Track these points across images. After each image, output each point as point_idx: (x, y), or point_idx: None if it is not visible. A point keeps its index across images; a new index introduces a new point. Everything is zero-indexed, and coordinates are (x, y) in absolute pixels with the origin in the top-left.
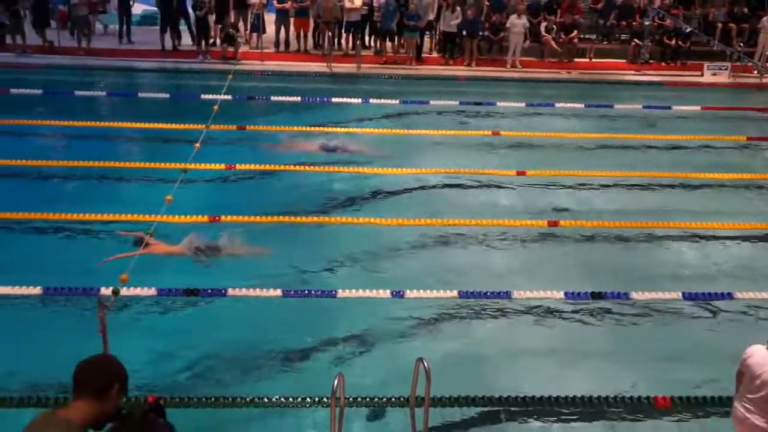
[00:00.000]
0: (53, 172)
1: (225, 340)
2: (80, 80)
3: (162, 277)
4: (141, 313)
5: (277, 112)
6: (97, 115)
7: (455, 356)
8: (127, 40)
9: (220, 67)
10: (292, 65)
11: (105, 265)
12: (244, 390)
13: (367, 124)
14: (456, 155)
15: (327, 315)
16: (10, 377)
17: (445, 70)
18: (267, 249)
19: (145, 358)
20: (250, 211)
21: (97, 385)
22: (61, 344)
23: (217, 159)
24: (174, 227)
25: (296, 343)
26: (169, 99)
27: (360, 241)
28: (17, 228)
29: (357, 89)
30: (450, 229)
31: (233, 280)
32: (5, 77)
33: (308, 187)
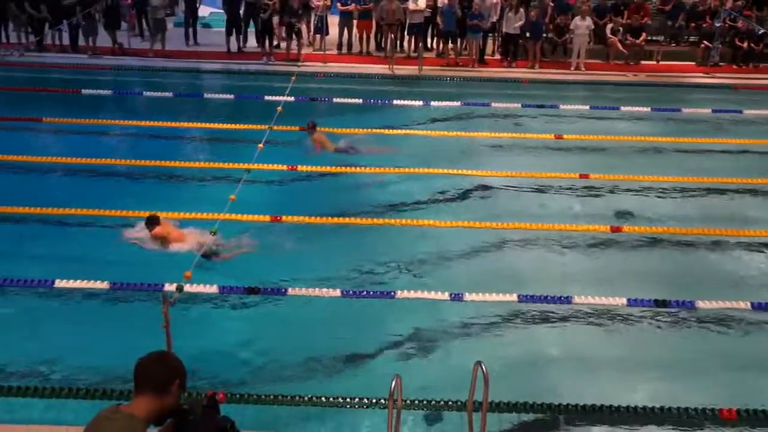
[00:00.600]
0: (121, 170)
1: (284, 339)
2: (148, 81)
3: (224, 274)
4: (203, 310)
5: (338, 114)
6: (165, 115)
7: (514, 361)
8: (194, 41)
9: (284, 69)
10: (355, 67)
11: (170, 263)
12: (301, 388)
13: (428, 126)
14: (517, 158)
15: (385, 316)
16: (78, 369)
17: (507, 73)
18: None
19: (206, 355)
20: (311, 212)
21: (158, 381)
22: (125, 338)
23: (280, 160)
24: (237, 225)
25: (354, 344)
26: (233, 100)
27: (419, 243)
28: (86, 224)
29: (418, 91)
30: (510, 233)
31: (293, 279)
32: (78, 78)
33: (368, 189)
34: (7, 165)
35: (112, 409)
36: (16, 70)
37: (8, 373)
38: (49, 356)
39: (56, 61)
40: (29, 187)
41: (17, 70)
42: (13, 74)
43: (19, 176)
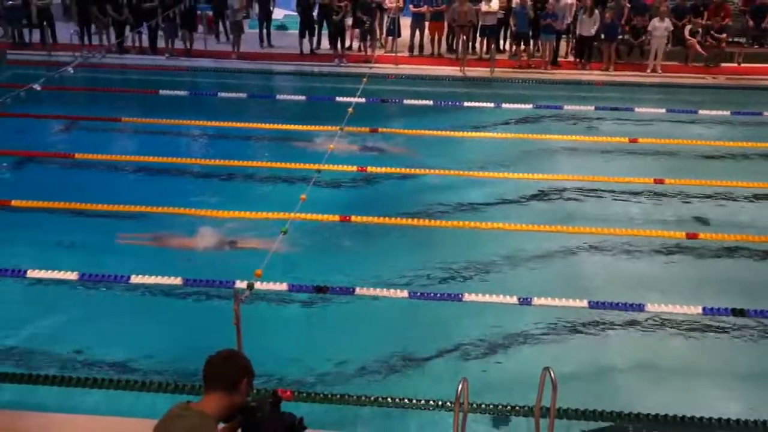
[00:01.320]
0: (195, 169)
1: (351, 339)
2: (223, 82)
3: (294, 273)
4: (273, 308)
5: (409, 116)
6: (238, 115)
7: (583, 367)
8: (268, 43)
9: (356, 71)
10: (426, 69)
11: (241, 260)
12: (367, 388)
13: (499, 129)
14: (590, 162)
15: (452, 319)
16: (151, 363)
17: (581, 75)
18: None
19: (274, 352)
20: (380, 213)
21: (227, 379)
22: (197, 333)
23: (350, 161)
24: (307, 225)
25: (421, 346)
26: (305, 101)
27: (488, 246)
28: (161, 221)
29: (490, 93)
30: (582, 238)
31: (361, 280)
32: (155, 79)
33: (438, 191)
34: (89, 163)
35: (182, 406)
36: (98, 71)
37: (83, 365)
38: (123, 350)
39: (135, 63)
40: (109, 184)
41: (99, 71)
42: (95, 75)
43: (100, 174)
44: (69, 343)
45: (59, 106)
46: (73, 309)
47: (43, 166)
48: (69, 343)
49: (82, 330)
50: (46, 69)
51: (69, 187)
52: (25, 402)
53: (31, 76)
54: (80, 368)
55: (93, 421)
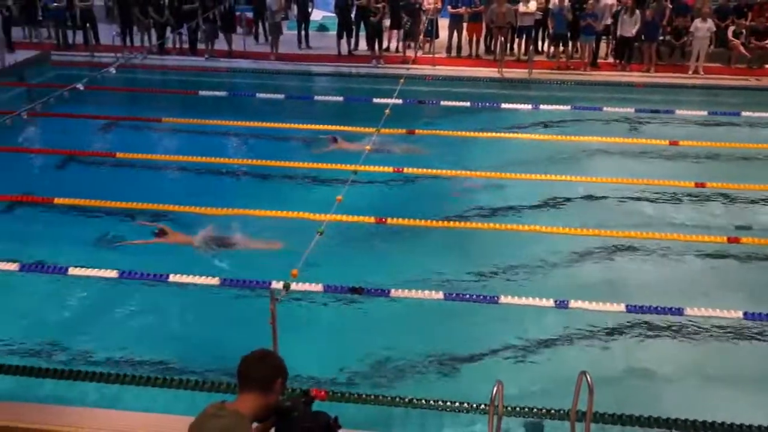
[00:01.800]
0: (233, 169)
1: (386, 339)
2: (261, 83)
3: (329, 274)
4: (309, 308)
5: (446, 117)
6: (276, 116)
7: (620, 372)
8: (306, 45)
9: (393, 72)
10: (463, 70)
11: (277, 261)
12: (402, 389)
13: (536, 130)
14: (629, 164)
15: (488, 321)
16: (187, 360)
17: (621, 76)
18: (279, 243)
19: (309, 352)
20: (416, 215)
21: (262, 379)
22: (233, 333)
23: (386, 162)
24: (343, 226)
25: (456, 347)
26: (342, 102)
27: (524, 248)
28: (198, 221)
29: (527, 95)
30: (620, 241)
31: (396, 281)
32: (195, 80)
33: (474, 193)
34: (129, 162)
35: (217, 405)
36: (139, 72)
37: (121, 362)
38: (160, 347)
39: (176, 64)
40: (148, 183)
41: (140, 72)
42: (136, 76)
43: (140, 173)
44: (108, 341)
45: (101, 106)
46: (111, 307)
47: (85, 165)
48: (108, 340)
49: (120, 327)
50: (89, 69)
51: (110, 185)
52: (64, 397)
53: (74, 77)
54: (119, 365)
55: (130, 417)
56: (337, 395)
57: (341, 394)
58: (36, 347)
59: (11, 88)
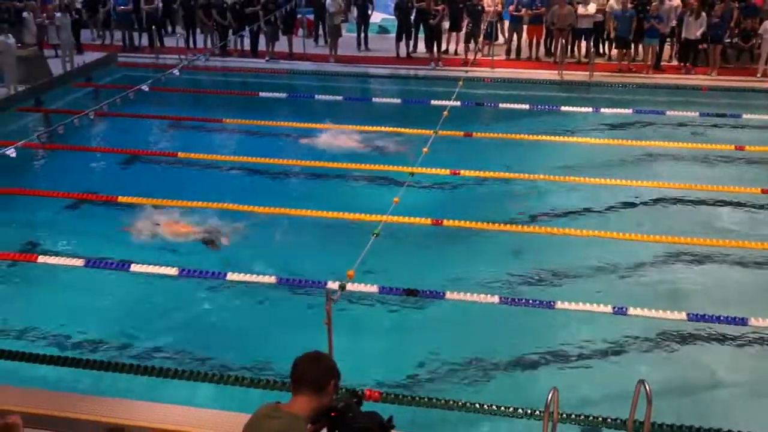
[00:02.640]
0: (292, 170)
1: (440, 342)
2: (320, 85)
3: (385, 275)
4: (364, 309)
5: (504, 120)
6: (334, 118)
7: (680, 382)
8: (365, 47)
9: (451, 74)
10: (523, 72)
11: (334, 261)
12: (455, 393)
13: (597, 134)
14: (694, 169)
15: (543, 326)
16: (243, 357)
17: (685, 79)
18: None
19: (363, 353)
20: (472, 217)
21: (316, 381)
22: (288, 331)
23: (444, 164)
24: (399, 228)
25: (510, 352)
26: (400, 104)
27: (582, 253)
28: (257, 220)
29: (588, 98)
30: (682, 248)
31: (452, 284)
32: (256, 81)
33: (533, 196)
34: (191, 162)
35: (272, 407)
36: (201, 74)
37: (175, 357)
38: (215, 344)
39: (237, 65)
40: (209, 183)
41: (202, 74)
42: (199, 77)
43: (201, 173)
44: (165, 336)
45: (165, 107)
46: (170, 303)
47: (148, 164)
48: (165, 335)
49: (178, 323)
50: (154, 71)
51: (172, 184)
52: (124, 390)
53: (139, 78)
54: (175, 360)
55: (184, 412)
56: (390, 396)
57: (395, 395)
58: (93, 340)
59: (80, 89)
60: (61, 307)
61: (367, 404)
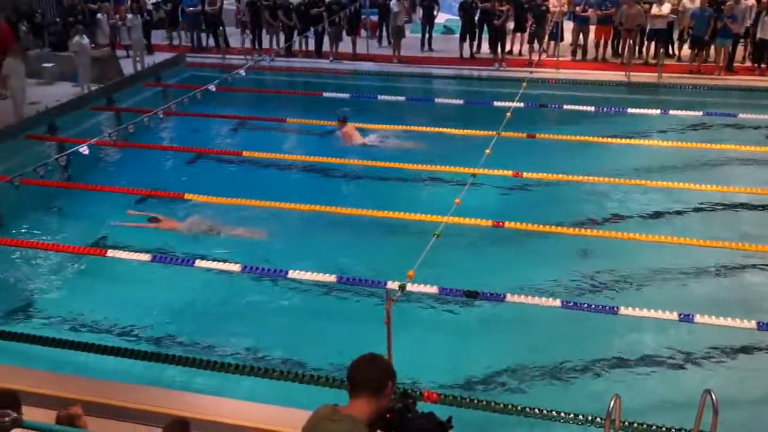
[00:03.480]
0: (354, 170)
1: (500, 345)
2: (383, 85)
3: (445, 276)
4: (423, 309)
5: (569, 122)
6: (397, 118)
7: (748, 392)
8: (428, 48)
9: (515, 75)
10: (588, 74)
11: (393, 261)
12: (514, 397)
13: (665, 136)
14: (764, 174)
15: (606, 332)
16: (301, 355)
17: (758, 81)
18: (262, 231)
19: (421, 354)
20: (534, 219)
21: (374, 383)
22: (346, 330)
23: (506, 165)
24: (460, 229)
25: (572, 357)
26: (463, 105)
27: (648, 258)
28: (314, 220)
29: (656, 99)
30: (752, 254)
31: (513, 286)
32: (320, 81)
33: (597, 199)
34: (255, 161)
35: (330, 409)
36: (266, 74)
37: (233, 353)
38: (276, 341)
39: (302, 66)
40: (273, 182)
41: (267, 74)
42: (264, 78)
43: (265, 172)
44: (224, 332)
45: (231, 107)
46: (231, 299)
47: (214, 162)
48: (224, 331)
49: (239, 319)
50: (221, 71)
51: (236, 183)
52: (184, 383)
53: (207, 78)
54: (233, 356)
55: (246, 406)
56: (448, 398)
57: (453, 397)
58: (156, 334)
59: (149, 88)
60: (126, 300)
61: (425, 405)
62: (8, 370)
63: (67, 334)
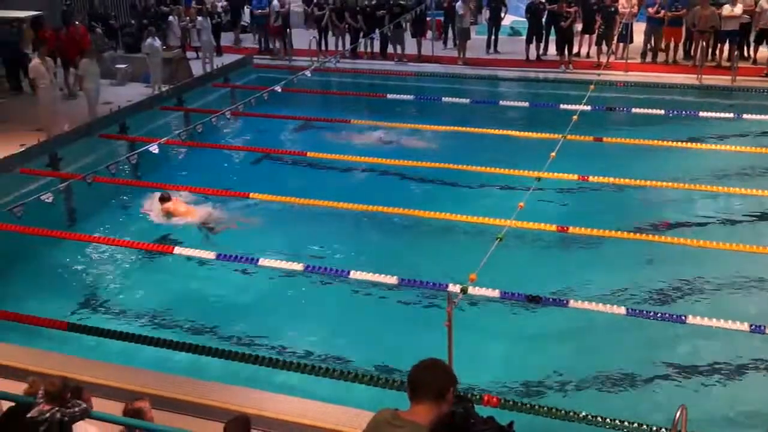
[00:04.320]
0: (417, 172)
1: (561, 351)
2: (447, 87)
3: (508, 280)
4: (484, 313)
5: (637, 125)
6: (460, 121)
7: None
8: (494, 50)
9: (583, 77)
10: (658, 76)
11: (456, 264)
12: (576, 404)
13: (738, 141)
14: None
15: (672, 341)
16: (361, 355)
17: None
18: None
19: (481, 357)
20: (600, 225)
21: (436, 389)
22: (407, 331)
23: (571, 169)
24: (523, 233)
25: (636, 366)
26: (528, 108)
27: (717, 266)
28: (375, 221)
29: (729, 103)
30: None
31: (577, 292)
32: (384, 83)
33: (664, 204)
34: (319, 162)
35: (391, 414)
36: (332, 75)
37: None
38: (337, 341)
39: (366, 68)
40: (336, 183)
41: (332, 75)
42: (329, 79)
43: (329, 173)
44: (287, 330)
45: (296, 108)
46: (296, 299)
47: (279, 162)
48: (287, 329)
49: (300, 318)
50: (287, 72)
51: (301, 183)
52: (250, 380)
53: (273, 79)
54: (295, 354)
55: (308, 405)
56: (508, 403)
57: (513, 402)
58: (223, 330)
59: (217, 89)
60: (192, 296)
61: (484, 409)
62: (80, 363)
63: (135, 328)
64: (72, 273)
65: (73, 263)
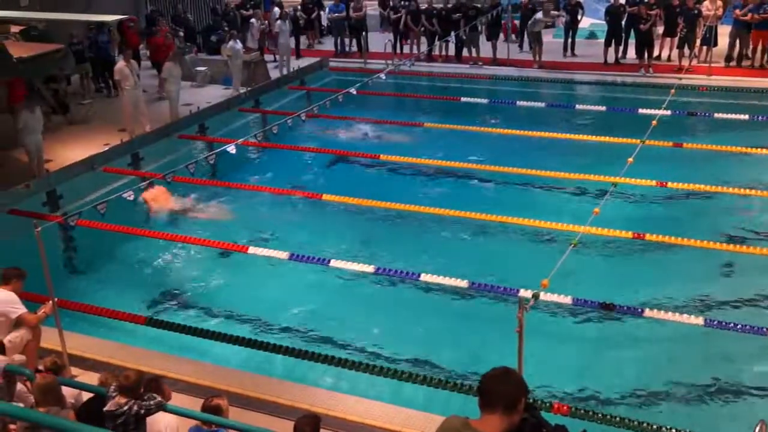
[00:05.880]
0: (490, 176)
1: (636, 360)
2: (522, 91)
3: (581, 287)
4: (556, 319)
5: (719, 131)
6: (536, 125)
7: None
8: (571, 53)
9: (663, 81)
10: (743, 80)
11: (528, 269)
12: (648, 415)
13: None
14: None
15: (753, 353)
16: (430, 358)
17: None
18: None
19: (551, 364)
20: (678, 232)
21: (508, 399)
22: (476, 336)
23: (649, 175)
24: (598, 239)
25: (712, 378)
26: (605, 112)
27: None
28: (450, 224)
29: None
30: None
31: (653, 301)
32: (458, 86)
33: (748, 213)
34: (392, 165)
35: (462, 422)
36: (406, 78)
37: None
38: (405, 344)
39: (441, 71)
40: (408, 186)
41: (406, 78)
42: (403, 82)
43: (401, 176)
44: (355, 331)
45: (370, 110)
46: (369, 300)
47: (352, 164)
48: (355, 330)
49: (369, 320)
50: (362, 75)
51: (373, 185)
52: (320, 380)
53: (348, 82)
54: (363, 354)
55: (372, 406)
56: (579, 412)
57: (584, 411)
58: (296, 330)
59: (294, 91)
60: (263, 295)
61: (554, 417)
62: (161, 358)
63: (215, 326)
64: (150, 269)
65: (150, 259)
